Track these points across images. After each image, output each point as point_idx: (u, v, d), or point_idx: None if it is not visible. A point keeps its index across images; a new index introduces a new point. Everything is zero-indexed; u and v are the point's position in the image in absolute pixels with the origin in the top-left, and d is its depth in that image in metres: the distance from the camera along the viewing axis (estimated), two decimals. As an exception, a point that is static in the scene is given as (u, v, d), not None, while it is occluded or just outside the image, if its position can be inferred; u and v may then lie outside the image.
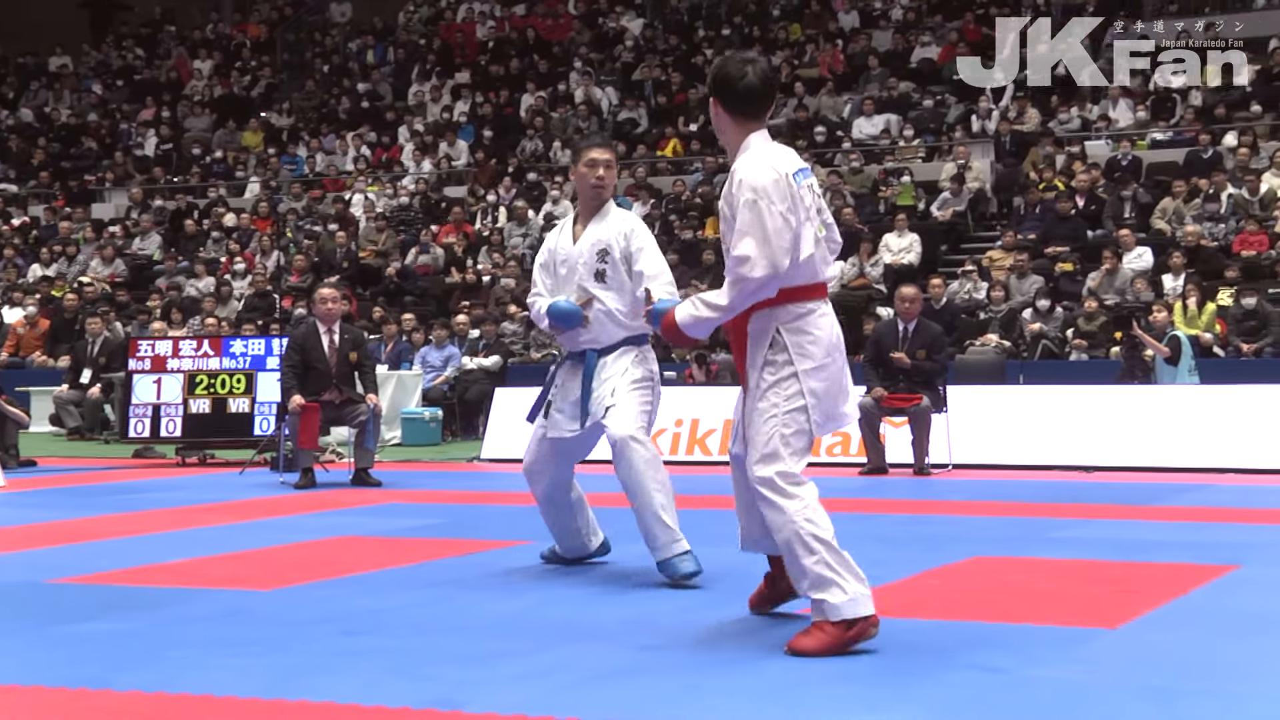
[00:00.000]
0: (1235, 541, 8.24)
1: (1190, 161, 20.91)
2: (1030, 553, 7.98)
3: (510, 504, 11.12)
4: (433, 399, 18.37)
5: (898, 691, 4.71)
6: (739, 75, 5.46)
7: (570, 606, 6.36)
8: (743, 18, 29.03)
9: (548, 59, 29.72)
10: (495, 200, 25.33)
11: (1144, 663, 5.08)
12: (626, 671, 5.03)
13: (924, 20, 27.09)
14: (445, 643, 5.54)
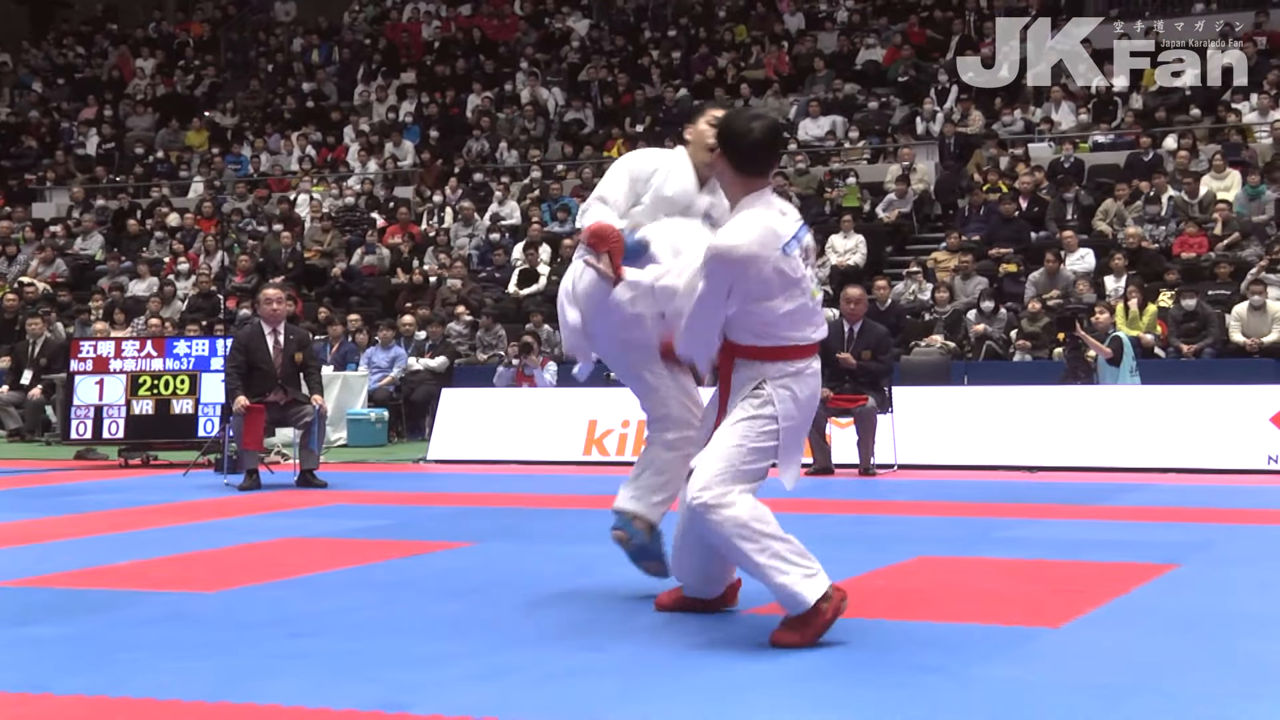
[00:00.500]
0: (1175, 541, 8.30)
1: (1131, 164, 21.07)
2: (974, 552, 8.02)
3: (456, 505, 11.13)
4: (379, 400, 18.32)
5: (841, 691, 4.73)
6: (744, 131, 5.42)
7: (516, 608, 6.34)
8: (689, 19, 29.05)
9: (494, 59, 29.65)
10: (441, 201, 25.23)
11: (1086, 661, 5.11)
12: (572, 673, 5.03)
13: (869, 23, 27.18)
14: (391, 645, 5.52)
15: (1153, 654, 5.25)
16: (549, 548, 8.51)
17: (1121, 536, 8.64)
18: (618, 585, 6.83)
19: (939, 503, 10.77)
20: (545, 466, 14.57)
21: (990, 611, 6.16)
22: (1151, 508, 10.39)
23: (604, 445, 14.96)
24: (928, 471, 13.25)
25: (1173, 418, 13.44)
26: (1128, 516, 9.89)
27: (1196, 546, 8.08)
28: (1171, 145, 21.05)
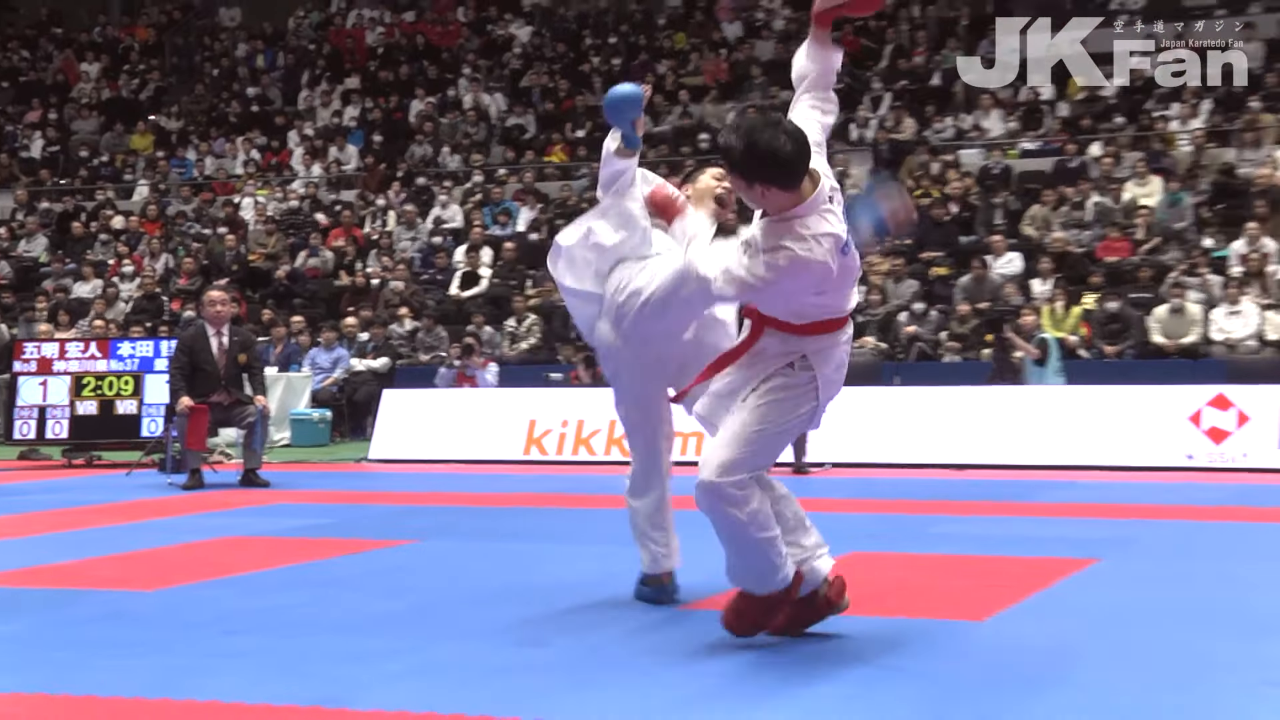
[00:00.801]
0: (1096, 536, 8.37)
1: (1058, 171, 21.21)
2: (905, 548, 8.07)
3: (397, 504, 11.09)
4: (322, 400, 18.23)
5: (775, 685, 4.75)
6: (778, 147, 4.83)
7: (456, 605, 6.33)
8: (629, 26, 29.04)
9: (437, 65, 29.54)
10: (384, 204, 25.12)
11: (1011, 654, 5.16)
12: (510, 668, 5.02)
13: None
14: (330, 641, 5.50)
15: (1073, 646, 5.29)
16: (489, 546, 8.49)
17: (1045, 532, 8.71)
18: (556, 582, 6.84)
19: (871, 500, 10.81)
20: (485, 466, 14.54)
21: (920, 606, 6.20)
22: (1074, 504, 10.47)
23: (543, 445, 14.93)
24: (860, 470, 13.30)
25: (1096, 417, 13.55)
26: (1052, 513, 9.97)
27: (1117, 542, 8.15)
28: (1096, 152, 21.21)
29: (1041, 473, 12.73)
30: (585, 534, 8.77)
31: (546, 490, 11.86)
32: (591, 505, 10.42)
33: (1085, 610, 6.08)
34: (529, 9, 30.30)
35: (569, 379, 17.11)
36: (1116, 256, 18.69)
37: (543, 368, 18.34)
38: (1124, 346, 16.90)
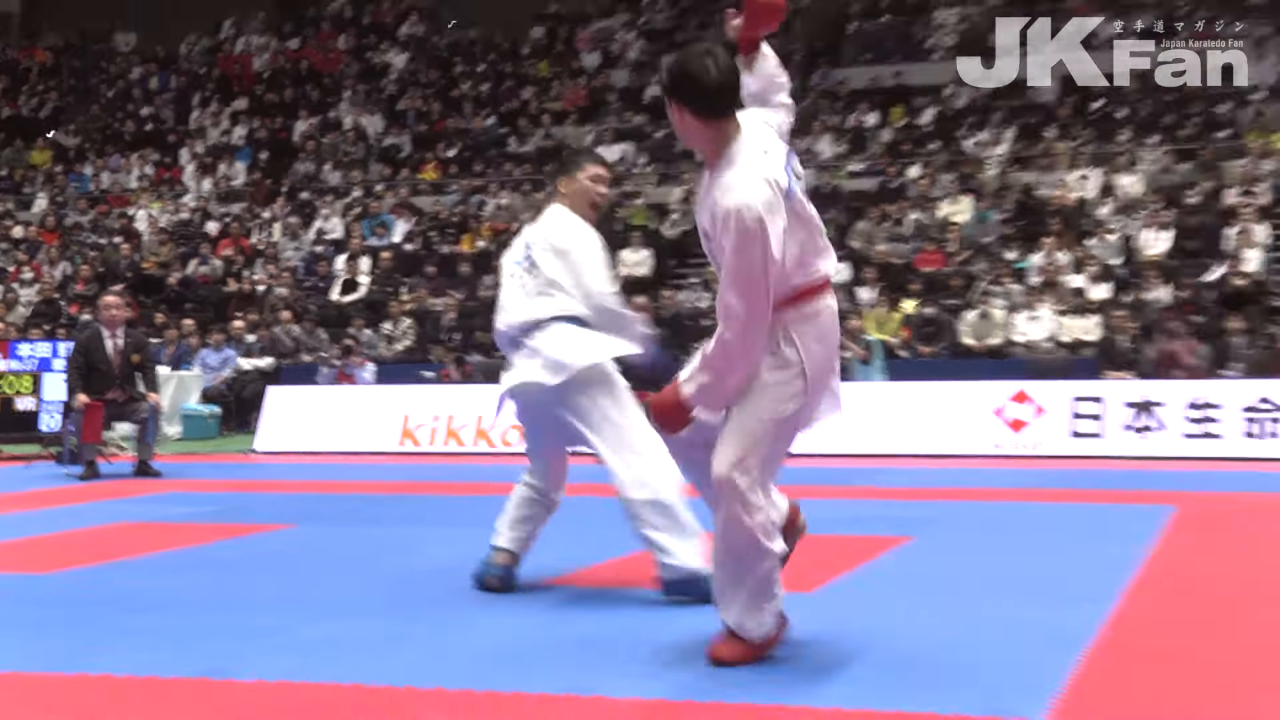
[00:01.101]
0: (912, 516, 8.51)
1: (881, 190, 21.53)
2: (742, 529, 8.13)
3: (281, 491, 10.97)
4: (211, 397, 17.95)
5: (613, 653, 4.75)
6: (704, 72, 4.30)
7: (335, 584, 6.28)
8: (496, 55, 28.95)
9: (319, 89, 29.22)
10: (270, 216, 24.81)
11: (832, 620, 5.21)
12: (383, 641, 5.00)
13: (657, 61, 27.34)
14: (217, 619, 5.43)
15: (891, 613, 5.38)
16: (365, 530, 8.43)
17: (868, 513, 8.83)
18: (427, 563, 6.81)
19: (713, 486, 10.88)
20: (363, 456, 14.44)
21: (753, 580, 6.25)
22: (893, 488, 10.63)
23: (416, 437, 14.87)
24: (704, 458, 13.38)
25: (914, 410, 13.78)
26: (873, 495, 10.11)
27: (930, 521, 8.29)
28: (915, 174, 21.56)
29: (865, 460, 12.90)
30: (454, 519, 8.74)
31: (419, 479, 11.80)
32: (460, 492, 10.40)
33: (902, 581, 6.20)
34: (405, 38, 30.08)
35: (440, 377, 17.02)
36: (932, 267, 19.01)
37: (416, 367, 18.23)
38: (938, 347, 17.19)
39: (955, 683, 4.19)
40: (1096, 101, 22.80)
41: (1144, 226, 18.68)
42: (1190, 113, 21.94)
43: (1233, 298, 16.49)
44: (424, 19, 30.47)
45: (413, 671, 4.47)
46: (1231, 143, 21.08)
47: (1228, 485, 10.41)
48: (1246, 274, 16.87)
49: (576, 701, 4.08)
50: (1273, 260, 18.04)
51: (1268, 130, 20.89)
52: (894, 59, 25.56)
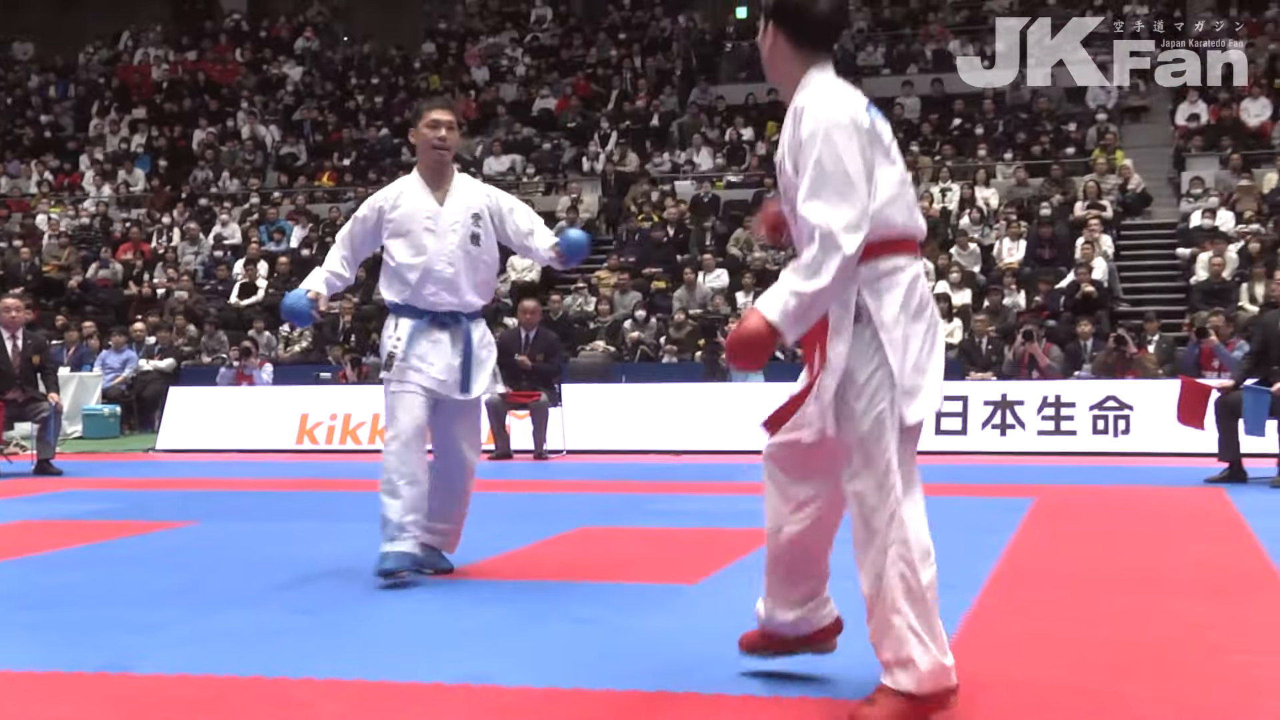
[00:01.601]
0: (790, 509, 8.53)
1: (757, 200, 21.64)
2: (629, 522, 8.11)
3: (181, 489, 10.73)
4: (112, 397, 17.58)
5: (515, 642, 4.70)
6: (812, 1, 3.74)
7: (231, 578, 6.14)
8: (389, 69, 28.69)
9: (217, 99, 28.74)
10: (170, 222, 24.37)
11: (715, 611, 5.19)
12: (281, 633, 4.90)
13: (544, 76, 27.30)
14: (117, 613, 5.28)
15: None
16: (264, 525, 8.27)
17: (747, 507, 8.76)
18: (324, 556, 6.69)
19: (601, 481, 10.87)
20: (262, 455, 14.20)
21: (640, 572, 6.23)
22: (772, 482, 10.65)
23: (314, 435, 14.67)
24: (592, 455, 13.37)
25: (790, 408, 13.84)
26: (752, 491, 10.06)
27: (807, 514, 8.31)
28: (789, 185, 21.69)
29: (744, 457, 12.92)
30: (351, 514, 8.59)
31: (317, 476, 11.63)
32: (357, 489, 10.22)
33: (780, 572, 6.19)
34: (300, 52, 29.72)
35: (337, 378, 16.80)
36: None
37: (314, 368, 18.01)
38: (812, 349, 17.29)
39: (831, 668, 4.18)
40: (956, 119, 23.16)
41: (1001, 237, 19.00)
42: (1042, 130, 22.37)
43: (1082, 303, 16.82)
44: (319, 34, 30.12)
45: (309, 663, 4.37)
46: (1080, 159, 21.53)
47: (1080, 478, 10.59)
48: (1094, 281, 17.22)
49: (469, 690, 4.01)
50: (1118, 268, 18.45)
51: (1112, 148, 21.37)
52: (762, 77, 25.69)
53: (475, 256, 6.00)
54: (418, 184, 6.06)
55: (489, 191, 6.19)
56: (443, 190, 6.03)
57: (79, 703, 4.00)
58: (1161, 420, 11.91)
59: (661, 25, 27.89)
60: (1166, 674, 4.16)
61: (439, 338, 5.95)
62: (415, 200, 6.01)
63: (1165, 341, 15.79)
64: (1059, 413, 13.11)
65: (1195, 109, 21.93)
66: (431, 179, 6.05)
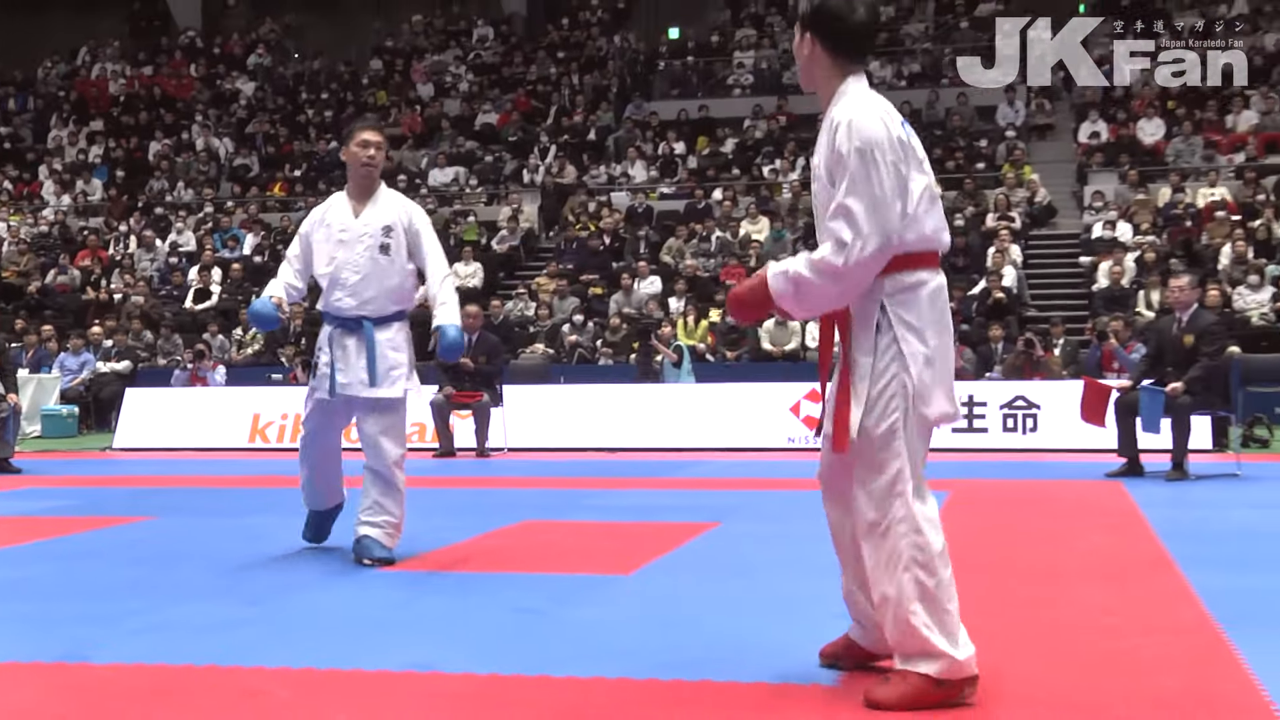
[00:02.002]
0: (719, 504, 8.54)
1: (689, 210, 21.72)
2: (568, 517, 8.10)
3: (138, 486, 10.61)
4: (70, 398, 17.33)
5: (457, 630, 4.69)
6: (849, 10, 3.70)
7: (188, 571, 6.08)
8: (338, 84, 28.49)
9: (173, 113, 28.40)
10: (127, 230, 24.05)
11: (648, 600, 5.22)
12: (232, 623, 4.85)
13: (486, 93, 27.21)
14: (75, 606, 5.22)
15: (700, 592, 5.40)
16: (218, 520, 8.19)
17: (679, 501, 8.87)
18: (276, 550, 6.65)
19: (541, 478, 10.85)
20: (216, 453, 14.05)
21: (578, 563, 6.24)
22: (702, 479, 10.67)
23: (266, 434, 14.53)
24: (532, 453, 13.34)
25: (719, 408, 13.90)
26: (684, 486, 10.15)
27: (734, 508, 8.35)
28: (719, 196, 21.80)
29: (676, 454, 12.99)
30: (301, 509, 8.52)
31: (268, 473, 11.53)
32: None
33: (710, 563, 6.22)
34: (253, 68, 29.45)
35: (288, 379, 16.65)
36: (734, 280, 19.21)
37: (265, 369, 17.85)
38: (741, 352, 17.39)
39: (758, 654, 4.21)
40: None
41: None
42: (955, 146, 22.58)
43: (993, 309, 17.01)
44: (271, 51, 29.85)
45: (261, 652, 4.34)
46: (990, 174, 21.76)
47: (991, 473, 10.71)
48: (1004, 288, 17.41)
49: (414, 678, 4.00)
50: (1026, 276, 18.67)
51: (1020, 164, 21.62)
52: (699, 94, 25.84)
53: (384, 266, 6.17)
54: (344, 199, 6.33)
55: (411, 211, 6.34)
56: (364, 204, 6.25)
57: (37, 692, 3.95)
58: (1066, 418, 12.06)
59: (598, 45, 27.89)
60: (1065, 656, 4.22)
61: (347, 343, 6.20)
62: (338, 214, 6.28)
63: (1069, 345, 15.99)
64: (971, 411, 13.23)
65: (1096, 127, 22.25)
66: (357, 194, 6.29)
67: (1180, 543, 6.54)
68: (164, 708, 3.76)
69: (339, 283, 6.18)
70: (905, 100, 23.53)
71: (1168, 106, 22.29)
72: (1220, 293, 16.12)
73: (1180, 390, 9.92)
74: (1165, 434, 10.02)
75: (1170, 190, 19.93)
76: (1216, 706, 3.63)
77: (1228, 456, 11.15)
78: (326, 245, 6.22)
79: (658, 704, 3.71)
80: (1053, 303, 18.67)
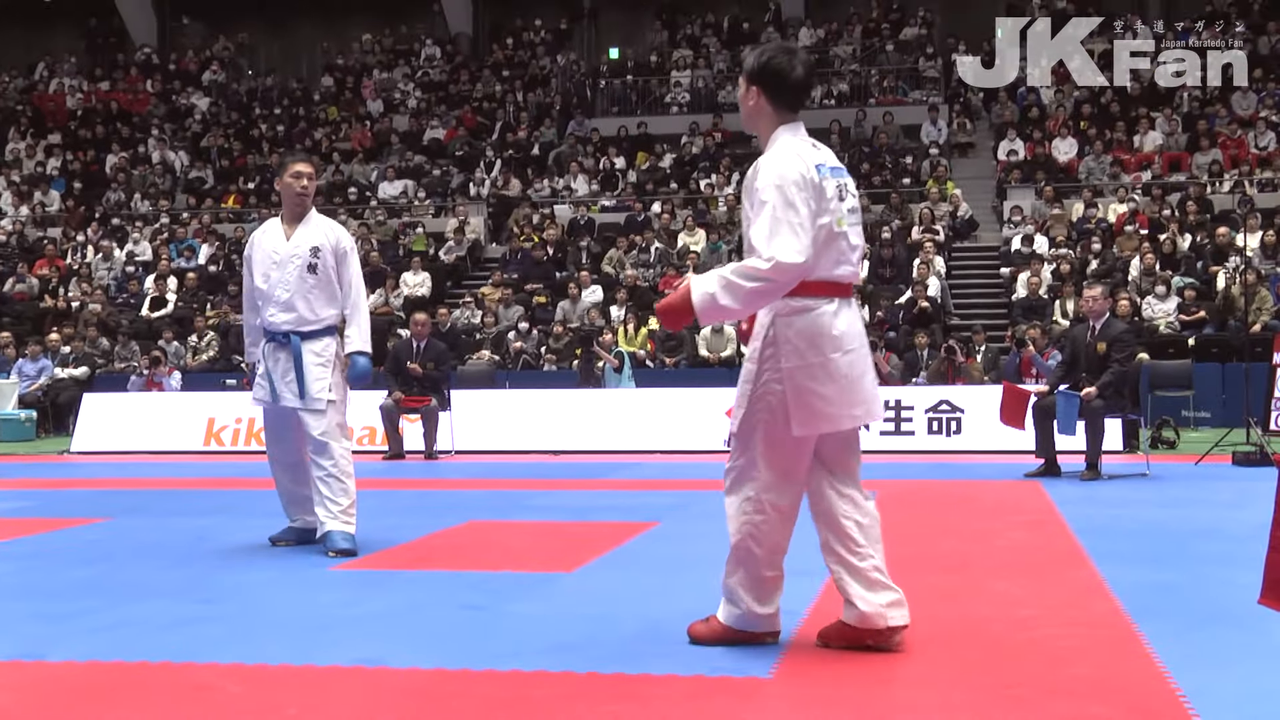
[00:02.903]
0: (657, 504, 8.54)
1: (629, 222, 21.75)
2: (512, 517, 8.07)
3: (94, 488, 10.45)
4: (28, 403, 17.06)
5: (403, 626, 4.66)
6: (789, 69, 4.10)
7: (143, 571, 6.00)
8: (290, 100, 28.27)
9: (129, 126, 28.05)
10: (84, 240, 23.71)
11: (590, 597, 5.21)
12: (186, 621, 4.79)
13: (434, 109, 27.10)
14: (31, 605, 5.12)
15: (639, 589, 5.40)
16: (173, 521, 8.07)
17: (620, 502, 8.87)
18: (231, 549, 6.57)
19: (486, 479, 10.80)
20: (171, 456, 13.88)
21: (522, 561, 6.21)
22: (641, 480, 10.67)
23: (220, 438, 14.37)
24: (478, 455, 13.29)
25: (658, 412, 13.92)
26: (624, 487, 10.14)
27: (672, 507, 8.34)
28: (657, 209, 21.84)
29: (617, 456, 12.99)
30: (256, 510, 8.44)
31: (222, 475, 11.40)
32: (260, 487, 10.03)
33: (649, 561, 6.22)
34: (207, 84, 29.16)
35: (242, 384, 16.49)
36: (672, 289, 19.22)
37: (219, 375, 17.67)
38: (679, 358, 17.42)
39: (695, 649, 4.21)
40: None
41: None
42: (883, 163, 22.77)
43: (918, 317, 17.15)
44: (225, 68, 29.57)
45: (214, 648, 4.29)
46: (915, 189, 21.96)
47: (916, 474, 10.79)
48: (929, 297, 17.56)
49: (363, 672, 3.97)
50: (949, 286, 18.84)
51: (943, 180, 21.83)
52: (638, 111, 25.88)
53: (311, 284, 6.42)
54: (277, 224, 6.60)
55: (339, 235, 6.55)
56: (294, 227, 6.51)
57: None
58: (987, 422, 12.18)
59: (542, 64, 27.87)
60: (978, 646, 4.26)
61: (279, 355, 6.45)
62: (271, 238, 6.55)
63: (990, 351, 16.16)
64: (899, 415, 13.34)
65: (1014, 146, 22.52)
66: (290, 218, 6.54)
67: (1095, 539, 6.63)
68: (118, 704, 3.70)
69: (272, 299, 6.45)
70: (834, 119, 23.77)
71: (1080, 126, 22.60)
72: (1130, 302, 16.35)
73: (1094, 395, 10.05)
74: (1080, 436, 10.14)
75: (1083, 205, 20.20)
76: (1126, 694, 3.67)
77: (1138, 457, 11.30)
78: (262, 265, 6.51)
79: (599, 697, 3.70)
80: (974, 311, 18.86)
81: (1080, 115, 22.84)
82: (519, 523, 7.80)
